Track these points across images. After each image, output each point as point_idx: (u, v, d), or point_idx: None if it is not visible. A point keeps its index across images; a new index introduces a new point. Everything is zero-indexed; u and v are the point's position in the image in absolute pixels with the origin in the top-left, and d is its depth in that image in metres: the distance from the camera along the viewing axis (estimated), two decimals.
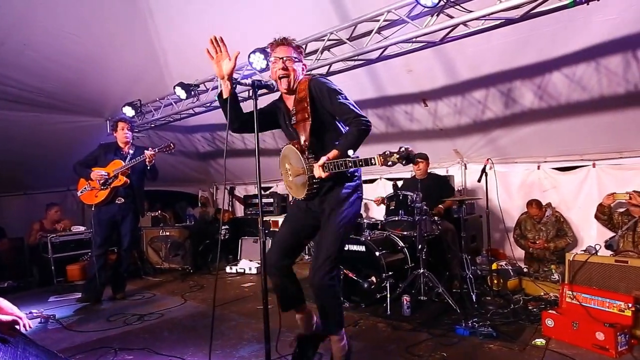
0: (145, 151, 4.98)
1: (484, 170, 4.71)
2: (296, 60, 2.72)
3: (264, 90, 2.65)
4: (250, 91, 2.55)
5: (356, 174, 2.80)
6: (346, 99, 2.62)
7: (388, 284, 4.36)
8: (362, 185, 2.85)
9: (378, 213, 7.08)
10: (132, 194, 5.20)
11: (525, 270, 5.20)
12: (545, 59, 4.17)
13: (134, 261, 6.77)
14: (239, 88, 3.81)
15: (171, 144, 5.00)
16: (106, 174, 5.03)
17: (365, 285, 4.40)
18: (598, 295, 3.55)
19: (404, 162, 2.21)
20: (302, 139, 2.68)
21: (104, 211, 5.11)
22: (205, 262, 7.26)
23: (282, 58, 2.67)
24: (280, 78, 2.71)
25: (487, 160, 4.84)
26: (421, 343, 3.47)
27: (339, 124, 2.73)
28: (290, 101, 2.80)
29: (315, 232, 2.85)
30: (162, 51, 5.79)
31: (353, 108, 2.56)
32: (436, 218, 4.83)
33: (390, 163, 2.25)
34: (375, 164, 2.33)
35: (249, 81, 2.52)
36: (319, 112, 2.67)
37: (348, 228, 2.74)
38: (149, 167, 5.07)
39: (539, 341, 3.43)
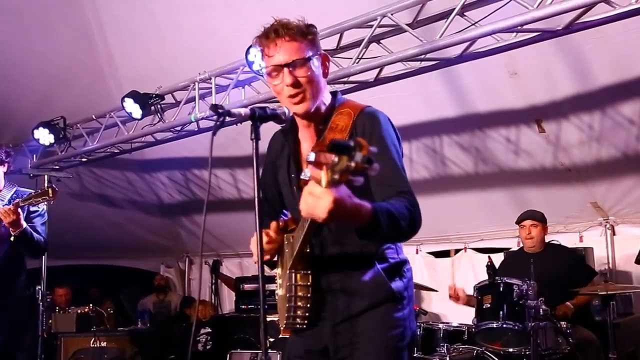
0: None
1: None
2: (311, 57, 2.44)
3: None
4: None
5: (406, 272, 2.52)
6: (400, 159, 2.44)
7: None
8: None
9: (462, 313, 6.91)
10: None
11: None
12: None
13: None
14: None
15: (50, 189, 4.53)
16: None
17: None
18: None
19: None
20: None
21: None
22: None
23: (285, 66, 2.40)
24: (289, 98, 2.46)
25: None
26: None
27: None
28: (308, 137, 2.61)
29: None
30: (103, 41, 5.93)
31: (403, 176, 2.38)
32: (564, 324, 4.71)
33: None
34: None
35: (246, 110, 2.35)
36: None
37: None
38: (12, 237, 4.54)
39: None
